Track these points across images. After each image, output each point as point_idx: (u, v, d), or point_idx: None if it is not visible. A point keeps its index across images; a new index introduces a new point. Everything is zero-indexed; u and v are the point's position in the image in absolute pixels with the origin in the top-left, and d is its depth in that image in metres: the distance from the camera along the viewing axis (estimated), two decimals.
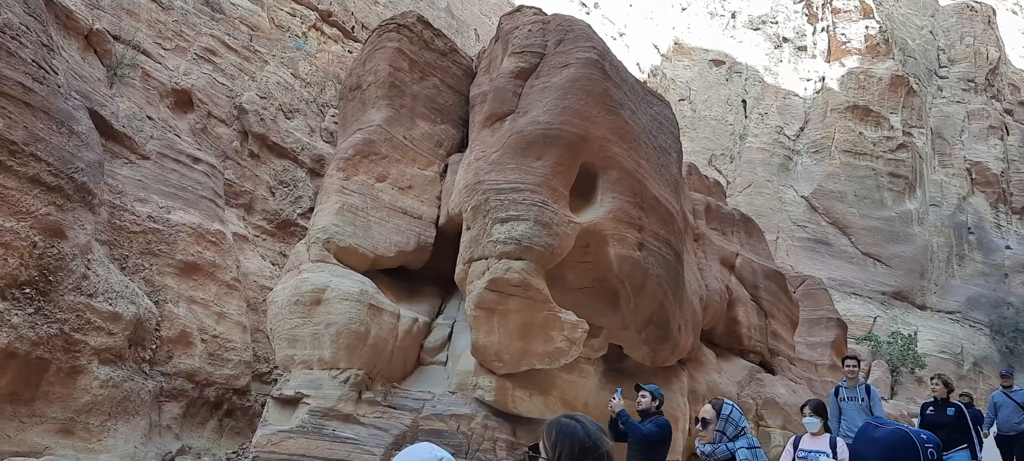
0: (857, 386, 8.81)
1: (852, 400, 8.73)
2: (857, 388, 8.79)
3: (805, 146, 44.22)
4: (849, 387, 8.83)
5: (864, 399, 8.64)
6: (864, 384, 8.84)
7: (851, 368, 8.89)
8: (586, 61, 10.46)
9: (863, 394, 8.69)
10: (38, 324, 9.41)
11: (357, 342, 9.54)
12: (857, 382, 8.85)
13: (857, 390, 8.77)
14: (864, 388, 8.78)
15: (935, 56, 50.23)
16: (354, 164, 10.93)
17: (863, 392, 8.72)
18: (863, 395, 8.68)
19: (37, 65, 10.30)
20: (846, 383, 8.88)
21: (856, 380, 8.87)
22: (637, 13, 47.39)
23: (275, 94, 19.21)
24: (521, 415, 10.03)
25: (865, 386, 8.81)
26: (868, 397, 8.65)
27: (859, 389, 8.78)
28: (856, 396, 8.72)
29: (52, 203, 9.71)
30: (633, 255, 10.21)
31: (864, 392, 8.72)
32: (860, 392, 8.74)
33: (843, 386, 8.91)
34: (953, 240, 43.42)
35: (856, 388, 8.80)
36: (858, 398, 8.70)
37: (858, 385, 8.82)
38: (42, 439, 9.58)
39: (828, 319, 20.87)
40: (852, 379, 8.86)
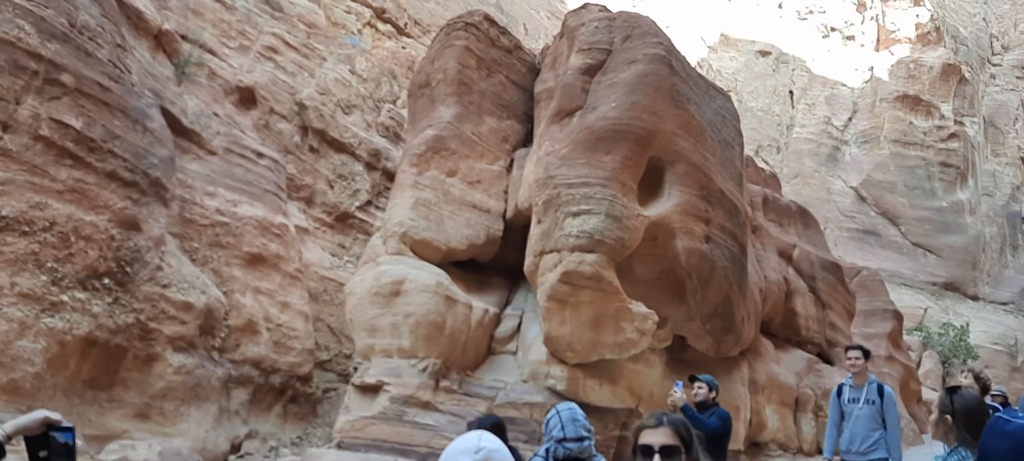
0: (865, 385, 7.10)
1: (856, 402, 7.06)
2: (865, 387, 7.08)
3: (853, 136, 43.69)
4: (855, 386, 7.18)
5: (875, 402, 6.95)
6: (875, 382, 7.13)
7: (855, 361, 7.22)
8: (653, 57, 10.67)
9: (874, 395, 6.97)
10: (116, 313, 9.83)
11: (434, 332, 9.91)
12: (865, 380, 7.14)
13: (864, 390, 7.06)
14: (875, 387, 7.05)
15: (988, 43, 49.21)
16: (426, 159, 11.27)
17: (874, 392, 6.99)
18: (874, 396, 6.97)
19: (113, 65, 10.76)
20: (851, 381, 7.26)
21: (864, 377, 7.17)
22: (683, 5, 47.21)
23: (333, 90, 19.66)
24: (591, 404, 10.30)
25: (876, 385, 7.08)
26: (880, 399, 6.95)
27: (868, 388, 7.04)
28: (862, 397, 7.02)
29: (128, 197, 10.14)
30: (700, 248, 10.42)
31: (875, 392, 7.00)
32: (869, 392, 7.01)
33: (847, 384, 7.28)
34: (1006, 230, 42.64)
35: (863, 387, 7.09)
36: (866, 400, 6.99)
37: (867, 383, 7.10)
38: (120, 423, 10.00)
39: (884, 310, 20.83)
40: (858, 376, 7.20)
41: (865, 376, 7.17)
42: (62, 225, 9.24)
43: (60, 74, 9.58)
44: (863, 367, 7.20)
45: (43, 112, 9.29)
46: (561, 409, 3.97)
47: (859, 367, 7.19)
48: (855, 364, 7.21)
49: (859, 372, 7.20)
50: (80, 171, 9.62)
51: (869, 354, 7.41)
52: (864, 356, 7.26)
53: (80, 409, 9.53)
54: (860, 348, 7.39)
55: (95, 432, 9.39)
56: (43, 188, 9.18)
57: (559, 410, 3.97)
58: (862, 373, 7.19)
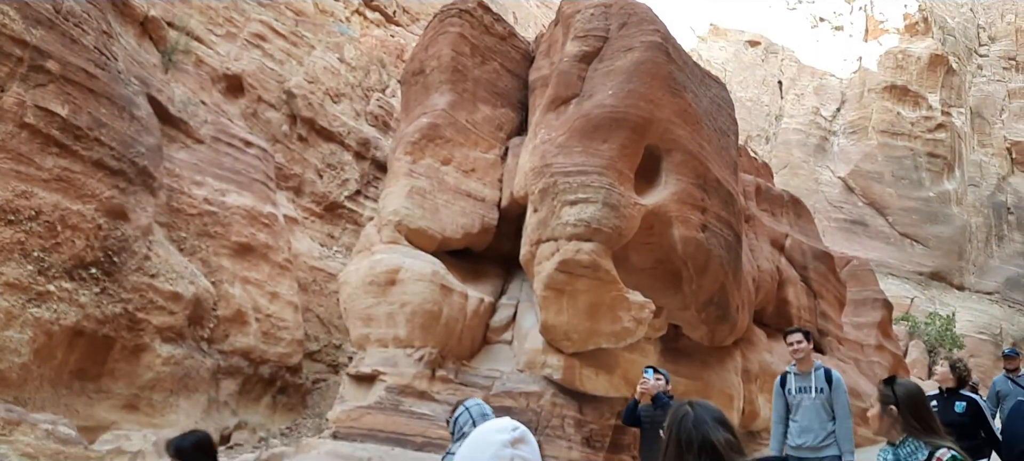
0: (812, 372, 6.37)
1: (805, 392, 6.34)
2: (811, 374, 6.35)
3: (842, 126, 43.84)
4: (800, 374, 6.42)
5: (824, 389, 6.23)
6: (822, 368, 6.41)
7: (798, 345, 6.42)
8: (650, 44, 10.59)
9: (822, 382, 6.27)
10: (104, 303, 9.73)
11: (431, 321, 9.82)
12: (810, 366, 6.41)
13: (812, 377, 6.33)
14: (823, 374, 6.33)
15: (975, 34, 49.41)
16: (420, 148, 11.16)
17: (822, 379, 6.29)
18: (822, 384, 6.26)
19: (99, 52, 10.61)
20: (795, 369, 6.49)
21: (809, 363, 6.43)
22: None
23: (322, 79, 19.50)
24: (588, 393, 10.26)
25: (824, 371, 6.36)
26: (829, 387, 6.24)
27: (815, 376, 6.33)
28: (811, 386, 6.30)
29: (115, 186, 10.03)
30: (697, 236, 10.37)
31: (824, 379, 6.29)
32: (817, 380, 6.30)
33: (792, 373, 6.51)
34: (992, 220, 42.90)
35: (810, 374, 6.36)
36: (815, 389, 6.27)
37: (813, 370, 6.38)
38: (109, 414, 9.91)
39: (874, 300, 20.89)
40: (802, 362, 6.44)
41: (810, 362, 6.41)
42: (48, 214, 9.11)
43: (45, 61, 9.43)
44: (807, 352, 6.40)
45: (28, 99, 9.14)
46: (470, 405, 4.08)
47: (803, 352, 6.40)
48: (798, 349, 6.40)
49: (803, 358, 6.41)
50: (66, 159, 9.48)
51: (810, 336, 6.56)
52: (806, 338, 6.46)
53: (68, 400, 9.42)
54: (801, 331, 6.55)
55: (83, 423, 9.31)
56: (29, 177, 9.05)
57: (468, 406, 4.07)
58: (806, 359, 6.41)
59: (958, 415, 6.23)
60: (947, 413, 6.17)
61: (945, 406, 6.34)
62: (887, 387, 3.28)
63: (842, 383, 6.28)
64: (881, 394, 3.28)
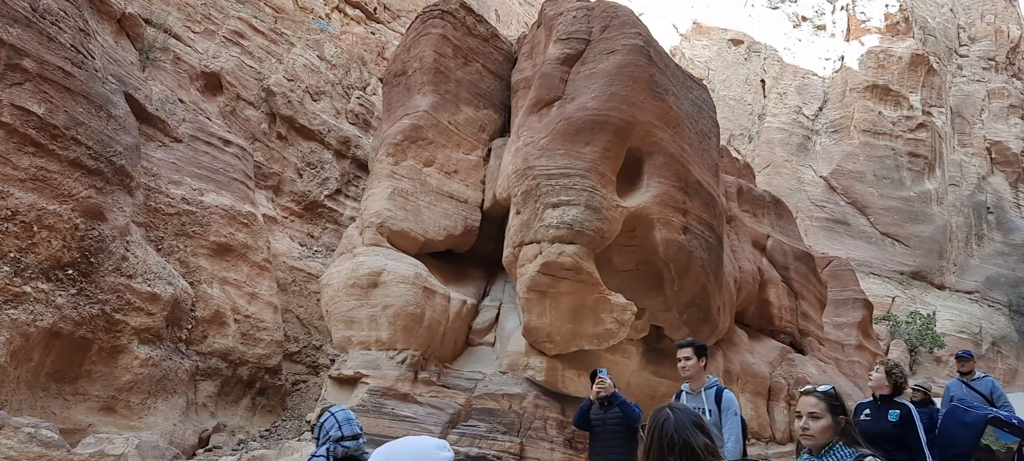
0: (701, 390, 5.78)
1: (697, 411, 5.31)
2: (701, 393, 5.76)
3: (824, 126, 44.16)
4: (691, 393, 5.85)
5: (712, 412, 5.63)
6: (714, 386, 5.81)
7: (686, 362, 5.84)
8: (632, 47, 10.61)
9: (712, 403, 5.67)
10: (81, 304, 9.65)
11: (413, 324, 9.81)
12: (702, 384, 5.81)
13: (702, 397, 5.74)
14: (714, 394, 5.74)
15: (955, 34, 49.91)
16: (402, 149, 11.14)
17: (712, 400, 5.69)
18: (711, 405, 5.67)
19: (76, 49, 10.51)
20: (687, 387, 5.93)
21: (700, 380, 5.82)
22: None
23: (301, 76, 19.41)
24: (570, 394, 10.26)
25: (715, 391, 5.77)
26: (718, 407, 5.64)
27: (706, 396, 5.74)
28: (702, 407, 5.70)
29: (92, 186, 9.94)
30: (678, 238, 10.40)
31: (713, 400, 5.69)
32: (707, 400, 5.70)
33: (685, 392, 5.96)
34: (972, 220, 43.38)
35: (700, 393, 5.76)
36: (703, 409, 5.67)
37: (704, 388, 5.79)
38: (86, 416, 9.83)
39: (854, 300, 21.05)
40: (693, 380, 5.84)
41: (701, 379, 5.82)
42: (24, 214, 9.03)
43: (22, 59, 9.33)
44: (695, 370, 5.80)
45: (4, 98, 9.06)
46: (335, 411, 4.15)
47: (690, 369, 5.80)
48: (685, 367, 5.81)
49: (693, 376, 5.82)
50: (43, 159, 9.39)
51: (704, 351, 5.91)
52: (697, 354, 5.83)
53: (44, 402, 9.34)
54: (691, 344, 5.90)
55: (60, 426, 9.22)
56: (5, 176, 8.97)
57: (333, 412, 4.14)
58: (696, 377, 5.81)
59: (891, 424, 5.69)
60: (880, 422, 5.75)
61: (878, 415, 5.86)
62: (835, 397, 3.28)
63: (733, 403, 5.65)
64: (830, 404, 3.25)
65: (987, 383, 8.50)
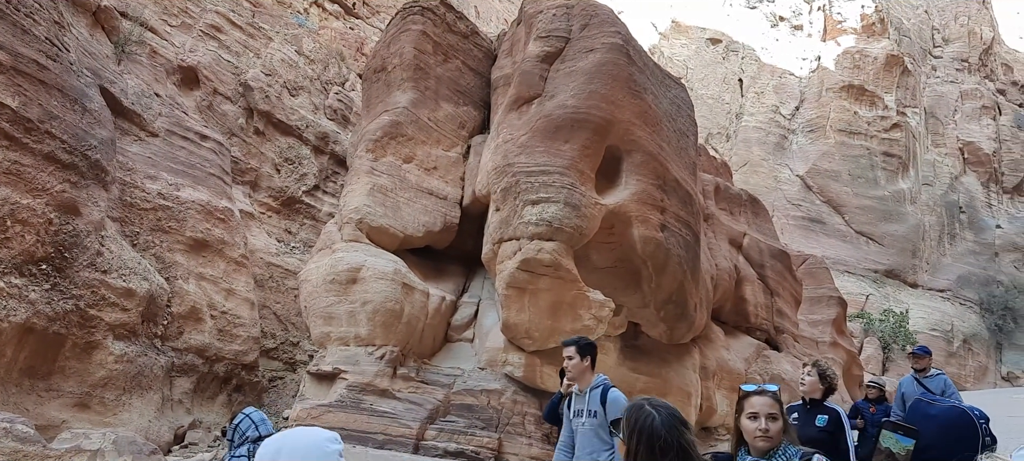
0: (587, 391, 5.25)
1: (580, 415, 5.27)
2: (587, 394, 5.24)
3: (801, 125, 44.57)
4: (579, 394, 5.32)
5: (596, 413, 5.12)
6: (601, 386, 5.23)
7: (568, 361, 5.35)
8: (611, 46, 10.68)
9: (597, 404, 5.14)
10: (54, 300, 9.59)
11: (392, 320, 9.83)
12: (588, 383, 5.28)
13: (586, 398, 5.23)
14: (599, 394, 5.18)
15: (929, 36, 50.54)
16: (382, 145, 11.15)
17: (597, 400, 5.15)
18: (596, 406, 5.14)
19: (50, 42, 10.42)
20: (577, 390, 5.36)
21: (586, 380, 5.31)
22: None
23: (280, 71, 19.32)
24: (548, 390, 10.32)
25: (601, 391, 5.19)
26: (603, 408, 5.10)
27: (590, 396, 5.21)
28: (585, 408, 5.22)
29: (67, 180, 9.87)
30: (656, 236, 10.49)
31: (598, 400, 5.15)
32: (591, 400, 5.19)
33: (575, 392, 5.41)
34: (945, 219, 43.97)
35: (586, 394, 5.25)
36: (588, 411, 5.19)
37: (590, 389, 5.24)
38: (59, 413, 9.77)
39: (829, 297, 21.29)
40: (579, 380, 5.35)
41: (587, 378, 5.31)
42: None
43: None
44: (581, 369, 5.30)
45: None
46: (249, 412, 4.24)
47: (574, 370, 5.31)
48: (569, 366, 5.35)
49: (577, 376, 5.33)
50: (16, 152, 9.31)
51: (589, 350, 5.38)
52: (581, 353, 5.31)
53: (17, 398, 9.27)
54: (576, 343, 5.38)
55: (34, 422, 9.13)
56: None
57: (247, 413, 4.23)
58: (582, 376, 5.32)
59: (819, 429, 5.34)
60: (808, 427, 5.33)
61: (806, 419, 5.45)
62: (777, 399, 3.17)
63: (619, 403, 4.99)
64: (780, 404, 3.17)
65: (940, 381, 8.29)
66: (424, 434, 9.41)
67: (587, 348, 5.36)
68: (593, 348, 5.41)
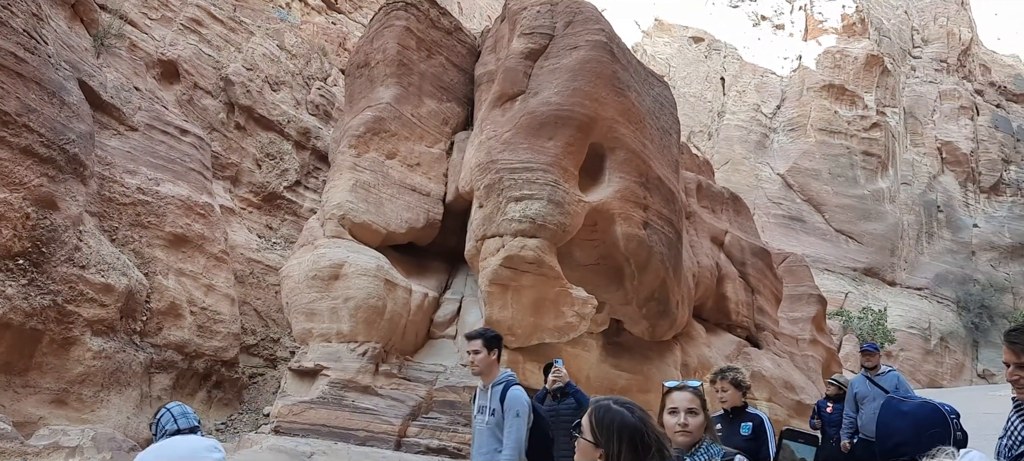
0: (490, 387, 5.02)
1: (482, 413, 5.05)
2: (489, 390, 5.01)
3: (781, 124, 44.91)
4: (482, 390, 5.15)
5: (495, 412, 4.90)
6: (504, 382, 4.99)
7: (474, 355, 5.06)
8: (595, 43, 10.70)
9: (495, 402, 4.92)
10: (31, 295, 9.46)
11: (375, 316, 9.81)
12: (492, 378, 5.05)
13: (488, 394, 5.01)
14: (500, 391, 4.94)
15: (909, 36, 51.06)
16: (365, 141, 11.11)
17: (496, 398, 4.92)
18: (495, 404, 4.92)
19: (28, 35, 10.28)
20: (482, 385, 5.17)
21: (490, 374, 5.07)
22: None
23: (261, 66, 19.18)
24: (531, 387, 10.33)
25: (503, 387, 4.95)
26: (501, 408, 4.87)
27: (492, 393, 4.98)
28: (487, 405, 4.99)
29: (44, 174, 9.75)
30: (639, 233, 10.54)
31: (498, 398, 4.91)
32: (492, 397, 4.95)
33: (479, 388, 5.24)
34: (923, 218, 44.49)
35: (489, 390, 5.02)
36: (487, 408, 4.99)
37: (493, 385, 5.01)
38: (36, 410, 9.65)
39: (809, 295, 21.45)
40: (483, 375, 5.11)
41: (493, 373, 5.03)
42: None
43: None
44: (487, 363, 5.01)
45: None
46: (170, 407, 4.27)
47: (480, 364, 5.02)
48: (474, 360, 5.05)
49: (483, 370, 5.04)
50: None
51: (496, 343, 5.09)
52: (488, 347, 5.01)
53: None
54: (482, 336, 5.09)
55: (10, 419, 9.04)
56: None
57: (169, 408, 4.26)
58: (488, 371, 5.03)
59: (744, 438, 5.22)
60: (733, 437, 5.16)
61: (730, 429, 5.30)
62: (703, 394, 3.18)
63: (517, 402, 4.79)
64: (702, 400, 3.15)
65: (892, 378, 8.08)
66: (406, 431, 9.40)
67: (494, 341, 5.11)
68: (499, 341, 5.18)
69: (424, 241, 11.76)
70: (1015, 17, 55.21)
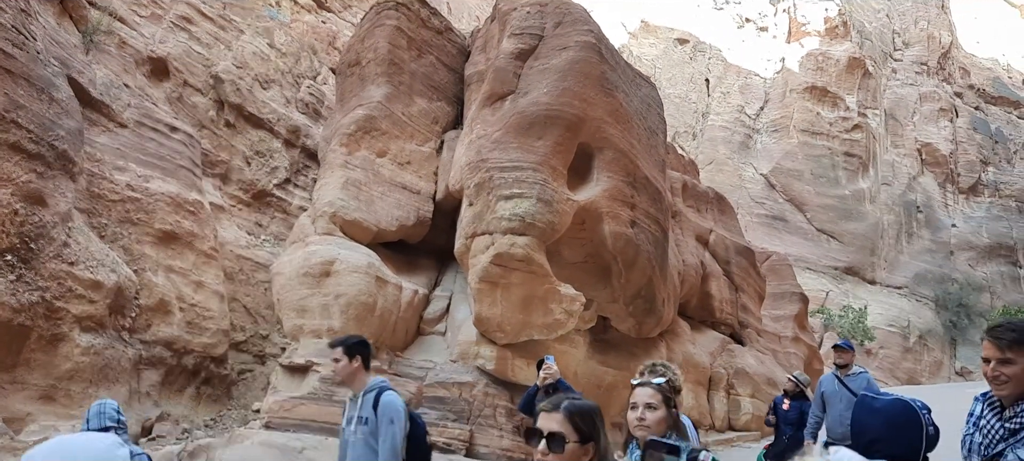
0: (360, 395, 4.52)
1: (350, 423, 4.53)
2: (359, 399, 4.51)
3: (765, 125, 45.23)
4: (353, 398, 4.58)
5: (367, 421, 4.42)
6: (376, 388, 4.51)
7: (335, 362, 4.60)
8: (584, 44, 10.85)
9: (368, 410, 4.45)
10: (20, 291, 9.46)
11: (365, 313, 9.91)
12: (362, 385, 4.53)
13: (359, 403, 4.51)
14: (372, 398, 4.45)
15: (890, 39, 51.54)
16: (356, 139, 11.21)
17: (369, 406, 4.43)
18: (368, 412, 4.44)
19: (17, 31, 10.29)
20: (351, 395, 4.62)
21: (357, 381, 4.57)
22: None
23: (251, 64, 19.16)
24: (520, 383, 10.48)
25: (375, 394, 4.47)
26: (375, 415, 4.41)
27: (363, 401, 4.49)
28: (356, 415, 4.49)
29: (33, 170, 9.76)
30: (626, 232, 10.70)
31: (370, 406, 4.42)
32: (364, 405, 4.46)
33: (349, 400, 4.64)
34: (903, 218, 44.92)
35: (359, 399, 4.52)
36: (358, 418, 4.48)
37: (363, 392, 4.50)
38: (24, 406, 9.66)
39: (791, 293, 21.74)
40: (349, 381, 4.62)
41: (360, 381, 4.54)
42: None
43: None
44: (349, 371, 4.54)
45: None
46: (98, 402, 4.43)
47: (342, 372, 4.57)
48: (336, 369, 4.61)
49: (346, 378, 4.60)
50: None
51: (358, 349, 4.57)
52: (349, 354, 4.52)
53: None
54: (343, 343, 4.60)
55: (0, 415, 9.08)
56: None
57: (96, 403, 4.43)
58: (353, 379, 4.56)
59: None
60: None
61: None
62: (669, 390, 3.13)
63: (392, 407, 4.38)
64: (665, 396, 3.08)
65: (862, 379, 7.69)
66: None
67: (356, 347, 4.57)
68: (363, 347, 4.61)
69: (414, 239, 11.87)
70: (994, 21, 55.86)
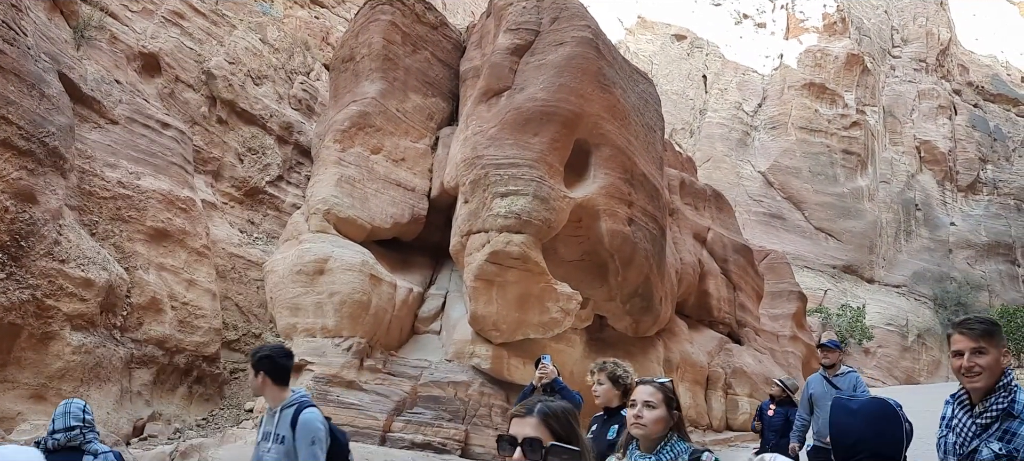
0: (278, 410, 4.11)
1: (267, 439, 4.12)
2: (277, 414, 4.11)
3: (763, 122, 45.13)
4: (269, 412, 4.19)
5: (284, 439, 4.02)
6: (294, 404, 4.09)
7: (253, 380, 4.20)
8: (581, 40, 10.73)
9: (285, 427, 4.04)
10: (10, 289, 9.34)
11: (359, 311, 9.79)
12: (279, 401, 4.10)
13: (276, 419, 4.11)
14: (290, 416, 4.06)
15: (889, 36, 51.45)
16: (350, 136, 11.08)
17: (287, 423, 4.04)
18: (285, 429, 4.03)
19: (7, 26, 10.16)
20: (268, 410, 4.21)
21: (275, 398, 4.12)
22: None
23: (243, 60, 19.00)
24: (515, 382, 10.37)
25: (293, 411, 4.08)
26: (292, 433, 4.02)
27: (280, 417, 4.09)
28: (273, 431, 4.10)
29: (23, 167, 9.63)
30: (623, 229, 10.58)
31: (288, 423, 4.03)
32: (282, 422, 4.07)
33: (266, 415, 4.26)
34: (901, 216, 44.86)
35: (276, 414, 4.13)
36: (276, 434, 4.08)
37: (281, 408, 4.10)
38: (15, 405, 9.55)
39: (789, 292, 21.62)
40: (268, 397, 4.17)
41: (277, 396, 4.12)
42: None
43: None
44: (259, 386, 4.15)
45: None
46: (63, 403, 4.27)
47: (258, 388, 4.17)
48: (253, 385, 4.20)
49: (259, 392, 4.24)
50: None
51: (265, 363, 4.15)
52: (255, 369, 4.17)
53: None
54: (253, 355, 4.25)
55: None
56: None
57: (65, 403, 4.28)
58: (268, 394, 4.14)
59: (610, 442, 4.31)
60: (601, 440, 4.44)
61: (601, 431, 4.60)
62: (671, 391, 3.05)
63: (312, 427, 3.99)
64: (666, 396, 3.01)
65: (850, 379, 7.49)
66: (391, 426, 9.39)
67: (262, 362, 4.16)
68: (270, 361, 4.17)
69: (409, 236, 11.75)
70: (993, 18, 55.84)
